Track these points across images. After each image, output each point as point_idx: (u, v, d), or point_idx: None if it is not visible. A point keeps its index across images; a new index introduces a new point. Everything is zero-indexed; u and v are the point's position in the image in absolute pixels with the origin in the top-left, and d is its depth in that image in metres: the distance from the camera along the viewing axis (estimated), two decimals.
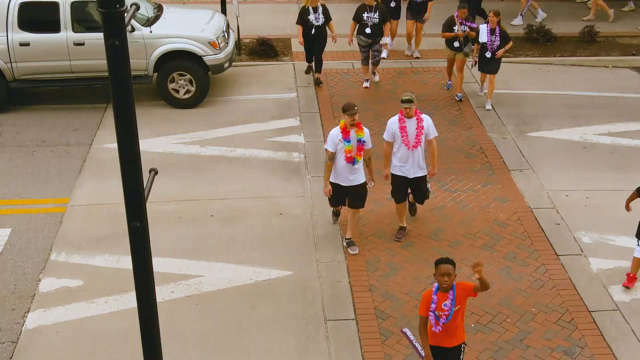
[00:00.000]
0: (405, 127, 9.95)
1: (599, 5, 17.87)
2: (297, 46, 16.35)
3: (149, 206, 5.12)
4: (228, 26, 14.89)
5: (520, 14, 17.82)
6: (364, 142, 9.78)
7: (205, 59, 13.93)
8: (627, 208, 9.62)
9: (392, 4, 15.48)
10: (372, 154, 10.24)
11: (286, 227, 10.92)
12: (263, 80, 15.34)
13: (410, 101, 9.83)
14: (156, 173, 5.29)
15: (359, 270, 10.00)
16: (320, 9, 14.35)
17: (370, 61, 14.65)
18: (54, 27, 13.53)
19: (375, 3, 14.19)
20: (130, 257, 5.15)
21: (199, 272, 10.01)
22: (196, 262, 10.18)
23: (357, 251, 10.31)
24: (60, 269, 10.07)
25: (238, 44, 15.91)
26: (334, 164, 9.87)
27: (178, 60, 13.92)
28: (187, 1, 19.04)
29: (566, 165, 12.48)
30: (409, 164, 10.12)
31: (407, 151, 10.02)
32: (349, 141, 9.69)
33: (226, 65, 14.36)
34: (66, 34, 13.53)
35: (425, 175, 10.36)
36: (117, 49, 4.32)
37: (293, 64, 15.84)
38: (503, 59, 13.99)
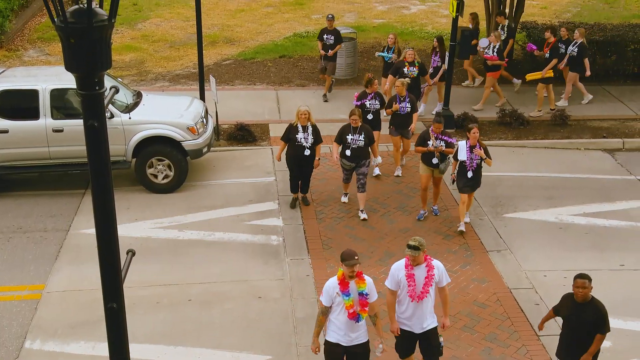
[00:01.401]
0: (413, 274, 8.65)
1: (496, 91, 18.23)
2: (275, 131, 16.57)
3: (126, 291, 5.08)
4: (207, 112, 15.08)
5: (439, 103, 17.83)
6: (366, 295, 8.34)
7: (184, 144, 14.05)
8: (540, 327, 9.13)
9: (370, 117, 14.33)
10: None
11: (265, 311, 10.83)
12: (241, 164, 15.46)
13: (416, 248, 8.51)
14: (134, 254, 5.28)
15: None
16: (310, 129, 13.12)
17: (357, 189, 13.28)
18: (33, 114, 13.63)
19: (360, 124, 13.00)
20: (106, 343, 5.08)
21: (176, 358, 9.85)
22: (173, 348, 10.02)
23: None
24: (34, 357, 9.86)
25: (217, 129, 16.09)
26: (334, 319, 8.46)
27: (157, 146, 14.02)
28: (166, 88, 19.31)
29: (543, 246, 12.58)
30: (415, 317, 8.78)
31: (413, 303, 8.72)
32: (348, 295, 8.27)
33: (205, 150, 14.48)
34: (45, 121, 13.62)
35: (436, 327, 8.94)
36: (96, 130, 4.36)
37: (271, 148, 16.00)
38: None
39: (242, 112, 17.63)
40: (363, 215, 13.33)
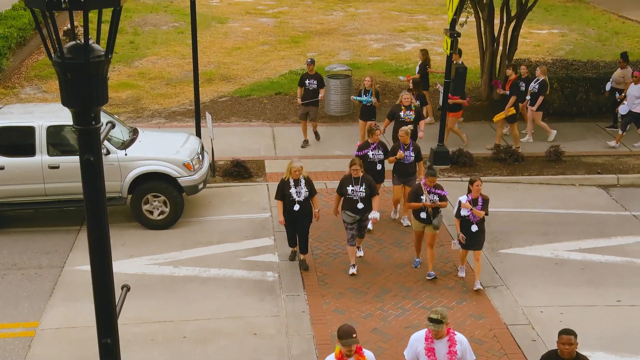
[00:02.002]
0: (434, 348, 8.09)
1: (455, 132, 18.05)
2: (271, 167, 16.65)
3: (121, 328, 5.06)
4: (202, 148, 15.13)
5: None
6: None
7: (179, 180, 14.07)
8: None
9: (379, 167, 13.87)
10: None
11: (260, 348, 10.75)
12: (237, 200, 15.46)
13: (439, 322, 7.92)
14: (128, 289, 5.26)
15: None
16: (302, 182, 12.47)
17: (358, 234, 12.87)
18: (29, 151, 13.67)
19: (361, 174, 12.46)
20: None
21: None
22: None
23: None
24: None
25: (212, 165, 16.12)
26: None
27: (153, 182, 14.04)
28: (163, 125, 19.38)
29: (539, 282, 12.55)
30: None
31: None
32: None
33: (200, 186, 14.50)
34: (41, 158, 13.65)
35: None
36: (92, 164, 4.39)
37: (267, 184, 16.03)
38: None
39: (238, 149, 17.69)
40: (359, 253, 13.28)
